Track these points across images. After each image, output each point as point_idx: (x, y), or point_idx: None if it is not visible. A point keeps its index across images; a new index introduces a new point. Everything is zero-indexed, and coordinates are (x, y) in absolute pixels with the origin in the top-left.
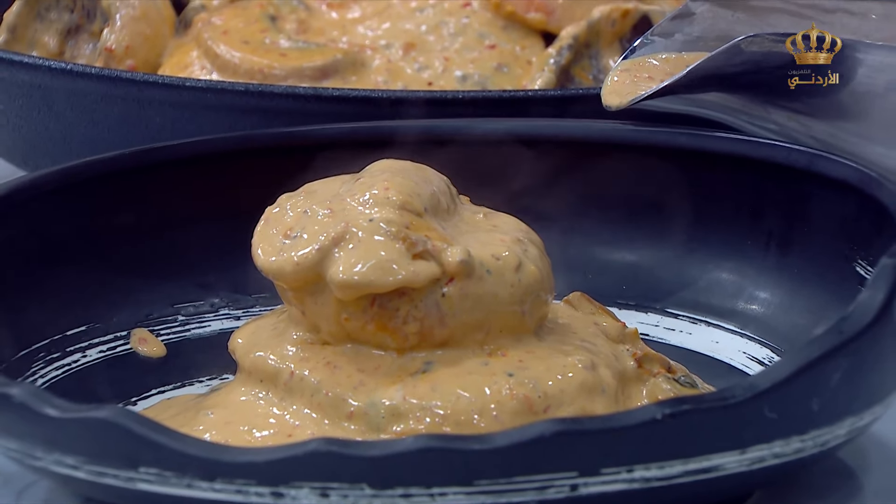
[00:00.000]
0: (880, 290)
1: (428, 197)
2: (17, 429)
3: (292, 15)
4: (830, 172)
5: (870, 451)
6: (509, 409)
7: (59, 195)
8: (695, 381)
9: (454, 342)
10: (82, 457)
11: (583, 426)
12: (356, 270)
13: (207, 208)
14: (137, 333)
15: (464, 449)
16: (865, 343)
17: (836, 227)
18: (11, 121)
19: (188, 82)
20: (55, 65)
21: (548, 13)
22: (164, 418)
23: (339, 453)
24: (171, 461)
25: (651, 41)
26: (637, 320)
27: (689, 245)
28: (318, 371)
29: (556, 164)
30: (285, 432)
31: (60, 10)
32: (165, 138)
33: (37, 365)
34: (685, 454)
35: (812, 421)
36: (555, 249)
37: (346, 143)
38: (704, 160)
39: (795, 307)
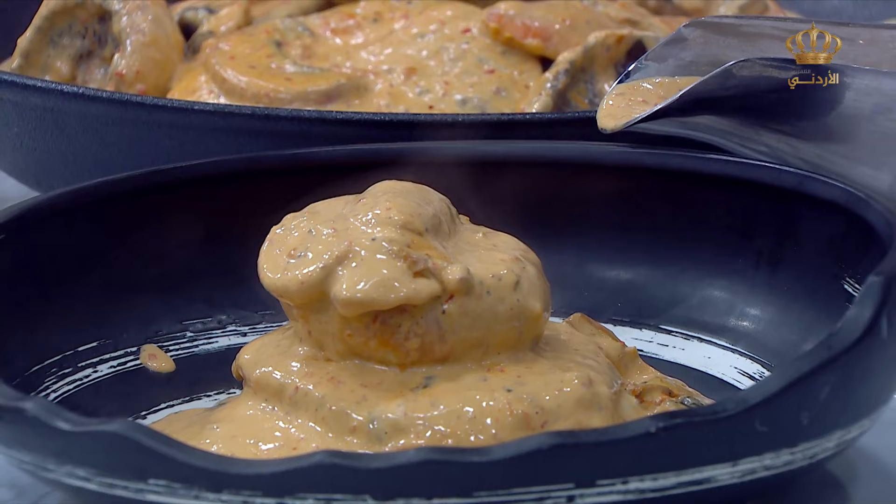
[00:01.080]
0: (868, 307)
1: (429, 217)
2: (30, 442)
3: (297, 41)
4: (819, 193)
5: (858, 464)
6: (507, 424)
7: (71, 215)
8: (697, 399)
9: (454, 358)
10: (93, 469)
11: (579, 439)
12: (359, 288)
13: (215, 228)
14: (147, 349)
15: (464, 461)
16: (853, 359)
17: (825, 246)
18: (25, 143)
19: (196, 106)
20: (67, 89)
21: (545, 39)
22: (173, 431)
23: (343, 465)
24: (180, 473)
25: (645, 66)
26: (631, 336)
27: (681, 263)
28: (322, 386)
29: (553, 184)
30: (290, 445)
31: (72, 36)
32: (174, 160)
33: (49, 380)
34: (678, 466)
35: (802, 434)
36: (552, 267)
37: (350, 165)
38: (697, 181)
39: (785, 324)
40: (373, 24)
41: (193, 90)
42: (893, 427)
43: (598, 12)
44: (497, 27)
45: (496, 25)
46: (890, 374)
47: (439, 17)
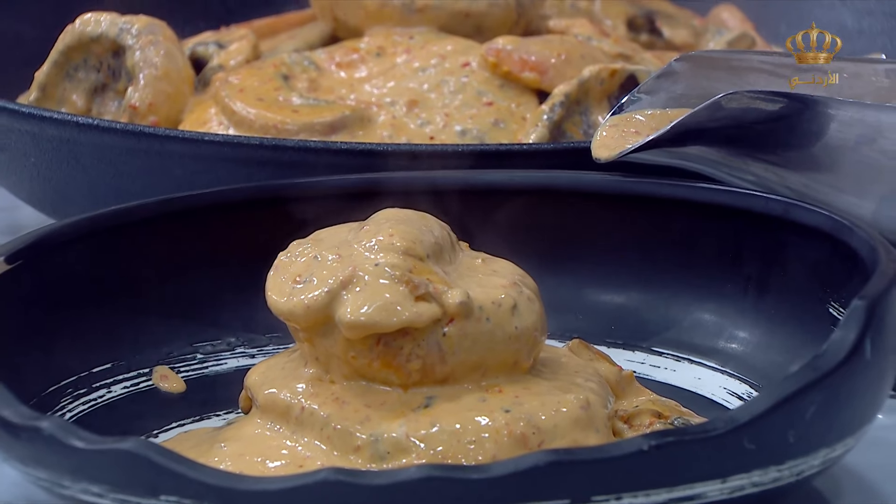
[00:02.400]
0: (852, 330)
1: (430, 243)
2: (46, 459)
3: (304, 74)
4: (805, 220)
5: (843, 481)
6: (505, 444)
7: (86, 242)
8: (687, 419)
9: (454, 379)
10: (107, 485)
11: (575, 457)
12: (363, 312)
13: (224, 253)
14: (159, 371)
15: (463, 478)
16: (838, 379)
17: (811, 271)
18: (42, 172)
19: (207, 137)
20: (83, 120)
21: (541, 73)
22: (183, 450)
23: (347, 482)
24: (190, 490)
25: (637, 98)
26: (624, 358)
27: (672, 288)
28: (327, 406)
29: (549, 212)
30: (297, 463)
31: (88, 69)
32: (185, 189)
33: (65, 400)
34: (670, 483)
35: (788, 452)
36: (548, 292)
37: (353, 194)
38: (687, 209)
39: (772, 346)
40: (376, 59)
41: (204, 122)
42: (877, 445)
43: (592, 47)
44: (495, 61)
45: (494, 60)
46: (873, 395)
47: (440, 51)
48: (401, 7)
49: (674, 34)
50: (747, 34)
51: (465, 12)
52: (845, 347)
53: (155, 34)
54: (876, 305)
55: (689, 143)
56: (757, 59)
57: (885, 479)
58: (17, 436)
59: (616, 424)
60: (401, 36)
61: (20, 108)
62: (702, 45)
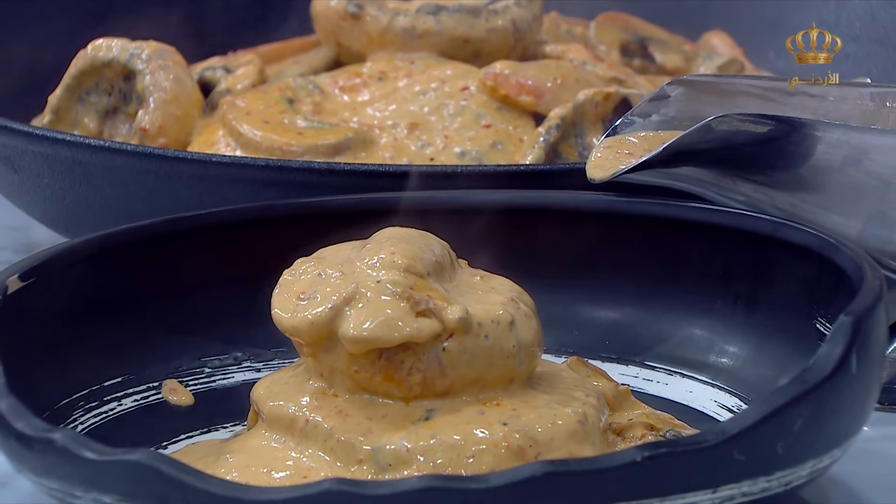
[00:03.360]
0: (838, 344)
1: (430, 261)
2: (59, 470)
3: (308, 98)
4: (793, 239)
5: (829, 491)
6: (503, 456)
7: (98, 259)
8: (679, 431)
9: (454, 392)
10: (118, 495)
11: (570, 467)
12: (365, 327)
13: (231, 271)
14: (168, 384)
15: (463, 488)
16: (825, 392)
17: (798, 288)
18: (55, 193)
19: (214, 158)
20: (94, 142)
21: (538, 96)
22: (191, 461)
23: (350, 492)
24: (198, 500)
25: (630, 121)
26: (618, 372)
27: (665, 304)
28: (330, 418)
29: (545, 231)
30: (301, 473)
31: (99, 93)
32: (193, 208)
33: (77, 412)
34: (662, 493)
35: (777, 463)
36: (545, 308)
37: (356, 213)
38: (679, 228)
39: (761, 360)
40: (378, 83)
41: (212, 144)
42: (863, 457)
43: (587, 72)
44: (493, 85)
45: (492, 84)
46: (859, 408)
47: (440, 75)
48: (402, 33)
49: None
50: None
51: (465, 38)
52: (832, 362)
53: (164, 59)
54: (861, 321)
55: (680, 164)
56: (746, 84)
57: (871, 489)
58: (30, 447)
59: (609, 437)
60: (402, 61)
61: (34, 130)
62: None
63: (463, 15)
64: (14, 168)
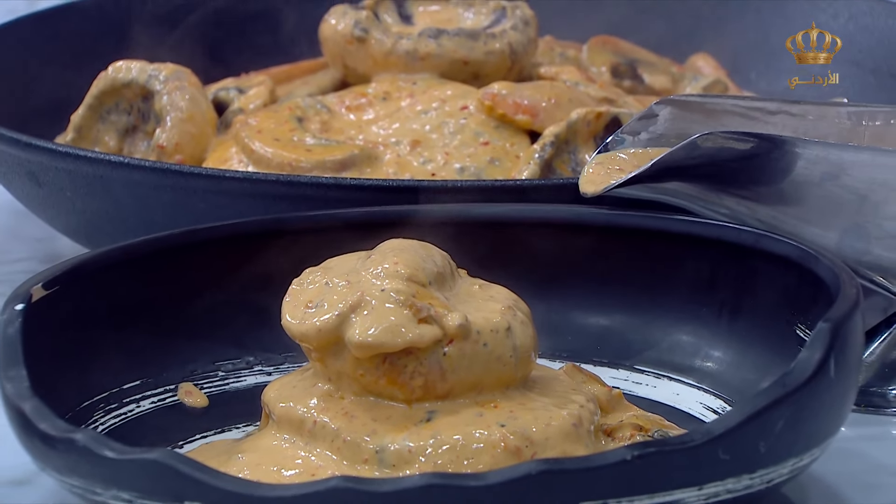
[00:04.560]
0: (817, 350)
1: (431, 271)
2: (80, 468)
3: (316, 117)
4: (774, 250)
5: (809, 488)
6: (500, 455)
7: (117, 269)
8: (667, 431)
9: (454, 395)
10: (136, 492)
11: (564, 466)
12: (370, 333)
13: (244, 280)
14: (184, 387)
15: (462, 485)
16: (805, 395)
17: (779, 297)
18: (77, 206)
19: (228, 173)
20: (115, 159)
21: (533, 115)
22: (206, 459)
23: (356, 489)
24: (212, 496)
25: (621, 139)
26: (609, 376)
27: (653, 312)
28: (337, 419)
29: (540, 242)
30: (309, 472)
31: (119, 112)
32: (208, 221)
33: (98, 414)
34: (651, 490)
35: (759, 461)
36: (539, 315)
37: (362, 225)
38: (666, 239)
39: (744, 364)
40: (382, 102)
41: (225, 160)
42: (841, 455)
43: (580, 92)
44: (491, 105)
45: (490, 103)
46: (837, 409)
47: (441, 95)
48: (405, 56)
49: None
50: (721, 80)
51: (464, 60)
52: (811, 366)
53: (181, 80)
54: (839, 328)
55: (668, 180)
56: (730, 103)
57: (848, 486)
58: (53, 447)
59: (601, 437)
60: (405, 82)
61: (58, 147)
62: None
63: (462, 39)
64: (38, 183)
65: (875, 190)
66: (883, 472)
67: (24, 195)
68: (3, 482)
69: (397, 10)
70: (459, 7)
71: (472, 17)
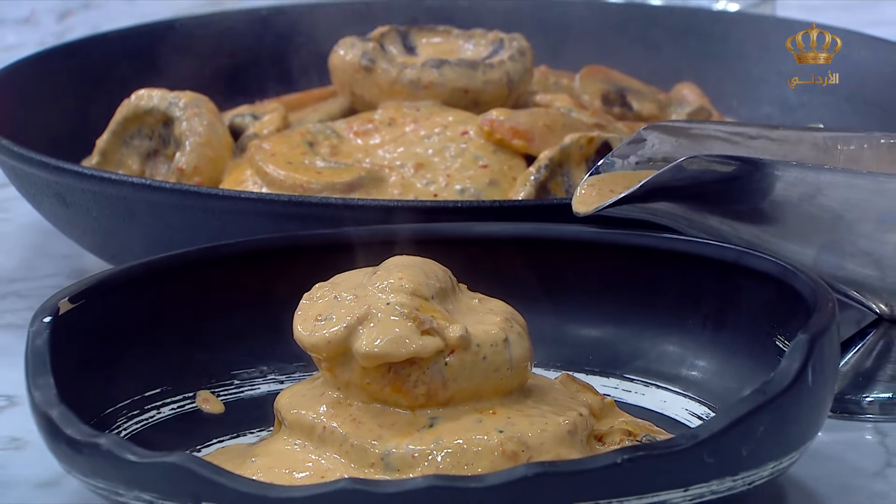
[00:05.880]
0: (796, 360)
1: (434, 285)
2: (104, 471)
3: (326, 141)
4: (755, 266)
5: (788, 489)
6: (498, 460)
7: (139, 284)
8: (654, 437)
9: (454, 402)
10: (156, 494)
11: (558, 468)
12: (376, 344)
13: (257, 294)
14: (201, 395)
15: (462, 487)
16: (784, 402)
17: (760, 310)
18: (102, 225)
19: (243, 194)
20: (137, 181)
21: (529, 140)
22: (222, 462)
23: (363, 490)
24: (228, 497)
25: (611, 162)
26: (600, 384)
27: (642, 324)
28: (345, 425)
29: (536, 259)
30: (319, 474)
31: (142, 137)
32: (224, 238)
33: (121, 420)
34: (640, 491)
35: (741, 464)
36: (535, 327)
37: (368, 243)
38: (654, 256)
39: (728, 373)
40: (388, 128)
41: (241, 182)
42: (818, 459)
43: (573, 118)
44: (490, 130)
45: (489, 129)
46: (815, 416)
47: (442, 121)
48: (409, 84)
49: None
50: (704, 107)
51: (465, 88)
52: (790, 375)
53: (199, 107)
54: (816, 339)
55: (655, 200)
56: (713, 129)
57: (825, 487)
58: (79, 451)
59: (593, 442)
60: (409, 108)
61: (84, 170)
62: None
63: (463, 68)
64: (66, 203)
65: (849, 209)
66: (857, 475)
67: (52, 215)
68: (31, 484)
69: (402, 42)
70: (460, 39)
71: (471, 49)
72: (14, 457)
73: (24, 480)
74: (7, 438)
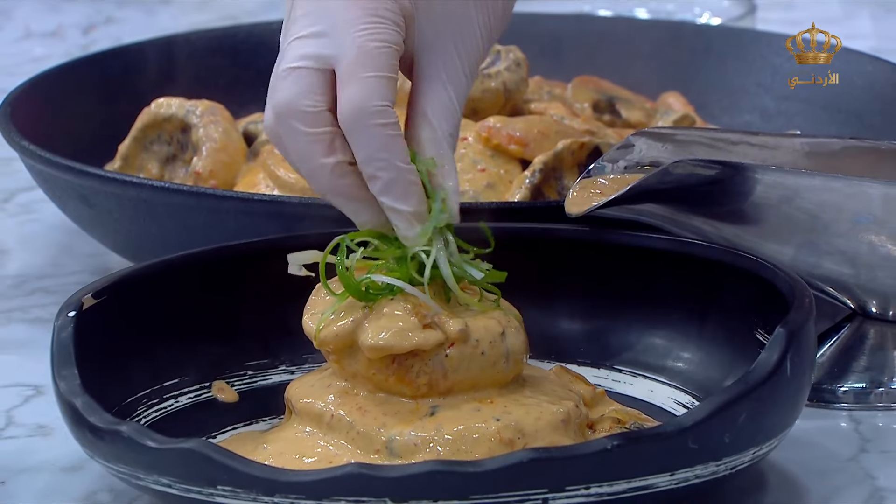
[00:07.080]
0: (775, 352)
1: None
2: (125, 456)
3: None
4: (737, 264)
5: (768, 473)
6: (496, 446)
7: (159, 281)
8: (642, 424)
9: (454, 392)
10: (174, 478)
11: (552, 454)
12: (381, 337)
13: (269, 290)
14: (217, 385)
15: (462, 471)
16: (764, 392)
17: (741, 305)
18: (124, 226)
19: (256, 196)
20: (157, 184)
21: (524, 145)
22: (236, 448)
23: (368, 475)
24: (242, 481)
25: (601, 166)
26: (592, 374)
27: (630, 318)
28: (352, 413)
29: (531, 257)
30: (327, 459)
31: (161, 143)
32: (239, 238)
33: (141, 408)
34: (629, 475)
35: (724, 450)
36: (530, 321)
37: None
38: (642, 254)
39: (711, 364)
40: None
41: (254, 185)
42: (796, 445)
43: (565, 125)
44: (487, 136)
45: (487, 135)
46: (793, 404)
47: None
48: None
49: (630, 115)
50: (689, 115)
51: None
52: (770, 366)
53: (215, 115)
54: (795, 332)
55: (643, 202)
56: (697, 135)
57: (802, 472)
58: (101, 437)
59: (584, 430)
60: None
61: (107, 174)
62: (653, 124)
63: None
64: (89, 205)
65: (825, 211)
66: (833, 460)
67: (77, 216)
68: (57, 468)
69: None
70: None
71: None
72: (41, 443)
73: (50, 465)
74: (34, 426)
